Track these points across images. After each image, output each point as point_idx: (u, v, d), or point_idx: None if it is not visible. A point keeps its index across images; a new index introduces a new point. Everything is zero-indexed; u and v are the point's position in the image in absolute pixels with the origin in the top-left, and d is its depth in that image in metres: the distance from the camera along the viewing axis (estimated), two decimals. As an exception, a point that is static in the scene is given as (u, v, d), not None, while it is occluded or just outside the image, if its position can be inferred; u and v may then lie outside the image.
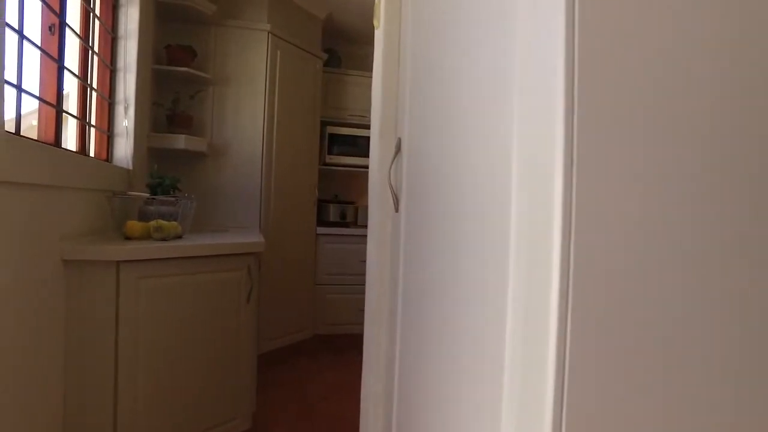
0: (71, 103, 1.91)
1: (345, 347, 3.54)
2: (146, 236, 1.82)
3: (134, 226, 1.77)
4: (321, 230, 3.49)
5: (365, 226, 4.24)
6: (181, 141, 2.62)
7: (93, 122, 2.07)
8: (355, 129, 3.80)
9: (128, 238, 1.78)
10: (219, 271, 1.88)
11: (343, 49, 4.13)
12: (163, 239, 1.80)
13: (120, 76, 2.25)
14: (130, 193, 1.81)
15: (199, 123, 2.90)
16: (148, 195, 1.90)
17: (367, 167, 4.19)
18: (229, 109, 2.98)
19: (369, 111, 3.91)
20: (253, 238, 2.16)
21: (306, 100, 3.39)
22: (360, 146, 3.79)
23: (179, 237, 1.97)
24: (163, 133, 2.65)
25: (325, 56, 3.55)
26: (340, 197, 4.11)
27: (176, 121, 2.69)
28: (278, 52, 3.10)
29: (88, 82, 2.00)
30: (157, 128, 2.75)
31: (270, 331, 3.11)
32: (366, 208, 4.23)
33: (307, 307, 3.44)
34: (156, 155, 2.73)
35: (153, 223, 1.80)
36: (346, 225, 3.77)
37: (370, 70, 4.27)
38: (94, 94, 2.08)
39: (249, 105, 3.02)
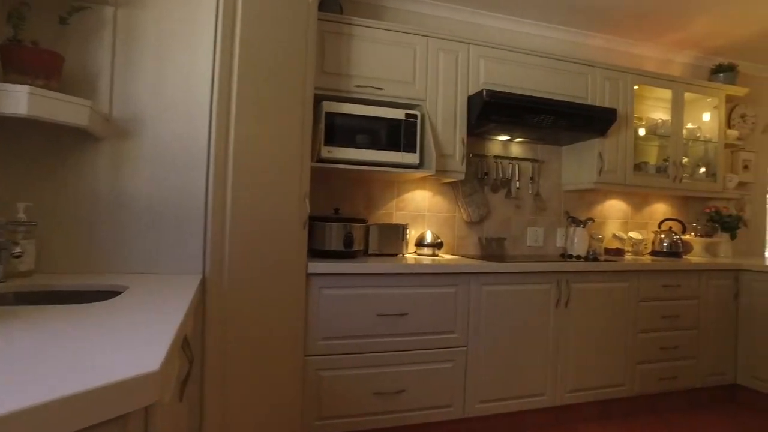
0: None
1: (354, 460, 2.16)
2: None
3: None
4: (315, 267, 2.12)
5: (387, 255, 2.15)
6: (19, 100, 1.23)
7: None
8: (367, 107, 2.44)
9: None
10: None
11: (346, -7, 2.78)
12: None
13: None
14: None
15: (81, 73, 1.52)
16: None
17: (390, 165, 2.36)
18: (144, 54, 1.60)
19: (388, 79, 2.53)
20: (144, 343, 0.78)
21: (290, 56, 2.02)
22: (374, 133, 2.44)
23: None
24: (-16, 85, 1.25)
25: (322, -16, 2.20)
26: (343, 212, 2.75)
27: (17, 61, 1.30)
28: (241, -41, 1.74)
29: None
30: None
31: (224, 458, 1.72)
32: (389, 227, 2.72)
33: (291, 395, 2.05)
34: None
35: None
36: (352, 256, 2.40)
37: (389, 18, 2.76)
38: None
39: (185, 50, 1.65)
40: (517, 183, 3.10)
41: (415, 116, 2.50)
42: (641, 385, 2.77)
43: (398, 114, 2.47)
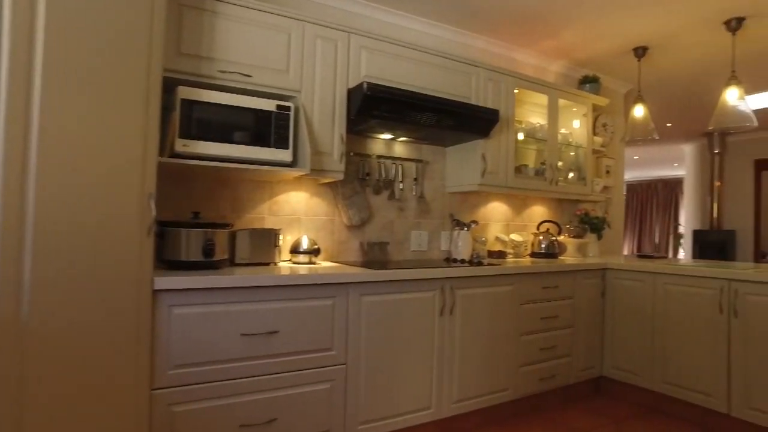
0: None
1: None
2: None
3: None
4: (163, 281, 1.75)
5: (258, 264, 1.54)
6: None
7: None
8: (233, 96, 2.12)
9: None
10: None
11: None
12: None
13: None
14: None
15: None
16: None
17: (259, 162, 1.86)
18: None
19: (259, 66, 2.10)
20: None
21: (129, 29, 1.65)
22: (241, 126, 2.12)
23: None
24: None
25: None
26: (205, 216, 2.39)
27: None
28: None
29: None
30: None
31: None
32: (259, 233, 2.30)
33: (134, 440, 1.68)
34: None
35: None
36: (214, 266, 2.07)
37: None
38: None
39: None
40: (401, 184, 2.96)
41: (288, 108, 2.23)
42: (524, 387, 2.76)
43: (269, 105, 2.19)
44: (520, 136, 3.27)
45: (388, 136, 2.84)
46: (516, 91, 3.16)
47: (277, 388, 1.98)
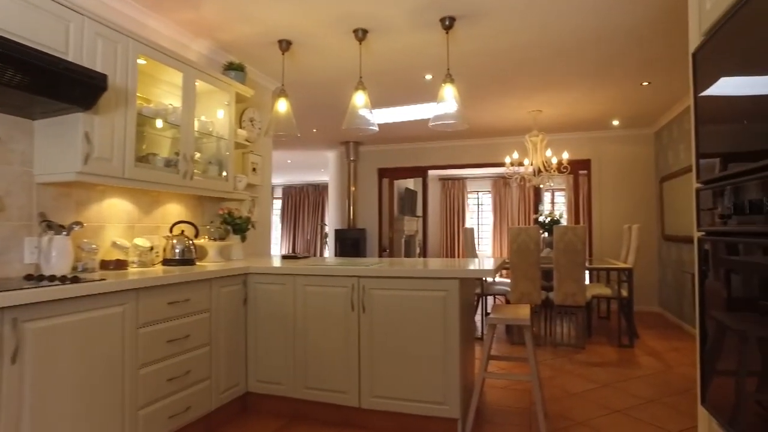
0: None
1: None
2: None
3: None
4: None
5: None
6: None
7: None
8: None
9: None
10: None
11: None
12: None
13: None
14: None
15: None
16: None
17: None
18: None
19: None
20: None
21: None
22: None
23: None
24: None
25: None
26: None
27: None
28: None
29: None
30: None
31: None
32: None
33: None
34: None
35: None
36: None
37: None
38: None
39: None
40: (-57, 167, 1.92)
41: None
42: (145, 433, 2.17)
43: None
44: (159, 124, 2.67)
45: None
46: (143, 61, 2.54)
47: None
